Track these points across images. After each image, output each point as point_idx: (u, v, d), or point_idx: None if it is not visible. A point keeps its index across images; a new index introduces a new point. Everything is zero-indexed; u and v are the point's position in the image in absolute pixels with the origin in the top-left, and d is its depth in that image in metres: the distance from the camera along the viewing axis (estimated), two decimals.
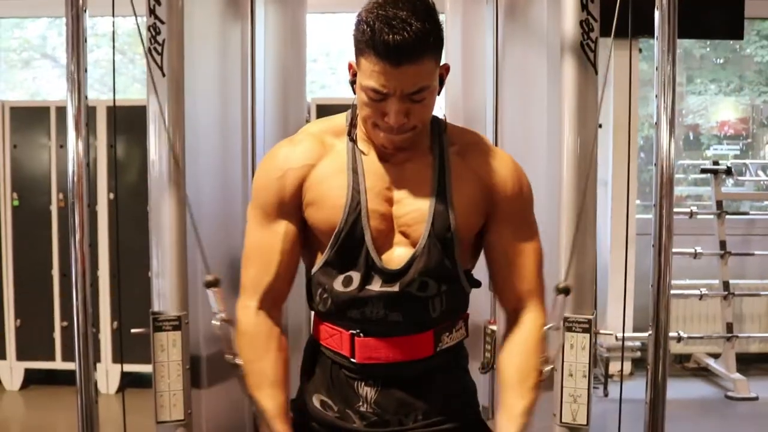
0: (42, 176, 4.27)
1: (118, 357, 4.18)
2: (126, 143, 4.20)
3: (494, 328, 2.41)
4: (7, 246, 4.28)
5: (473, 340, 1.67)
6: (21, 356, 4.31)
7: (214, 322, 1.51)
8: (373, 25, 1.29)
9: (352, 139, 1.48)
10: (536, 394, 1.48)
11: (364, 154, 1.48)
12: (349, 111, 1.52)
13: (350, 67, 1.43)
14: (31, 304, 4.29)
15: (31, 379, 4.39)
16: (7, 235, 4.28)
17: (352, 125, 1.49)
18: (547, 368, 1.50)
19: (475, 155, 1.52)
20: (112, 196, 4.18)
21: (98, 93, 4.96)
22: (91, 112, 1.97)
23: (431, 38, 1.32)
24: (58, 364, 4.28)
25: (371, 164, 1.47)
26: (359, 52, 1.36)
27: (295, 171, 1.48)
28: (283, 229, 1.49)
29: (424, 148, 1.50)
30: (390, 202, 1.46)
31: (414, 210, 1.45)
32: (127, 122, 3.68)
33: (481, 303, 2.39)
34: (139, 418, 2.22)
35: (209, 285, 1.51)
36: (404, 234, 1.46)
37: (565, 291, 1.53)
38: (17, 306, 4.29)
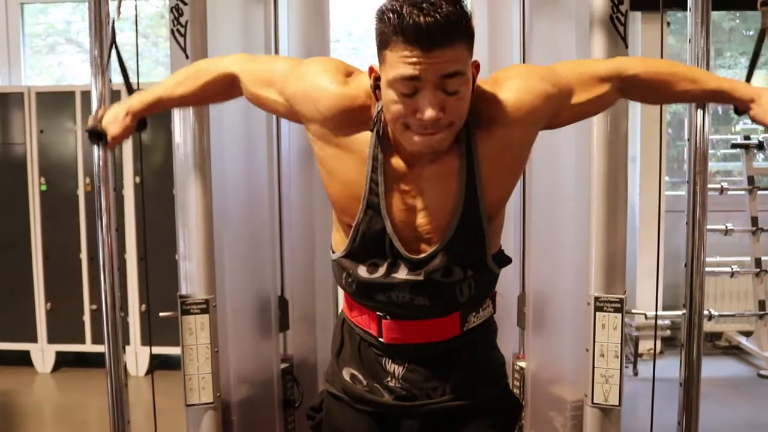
0: (69, 161, 4.29)
1: (147, 340, 4.22)
2: (151, 127, 4.19)
3: (522, 365, 2.34)
4: (36, 230, 4.32)
5: (500, 315, 1.65)
6: (52, 339, 4.37)
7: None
8: (400, 10, 1.20)
9: (378, 135, 1.37)
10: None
11: (387, 150, 1.37)
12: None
13: (371, 71, 1.33)
14: (61, 288, 4.33)
15: (62, 361, 4.45)
16: (35, 220, 4.32)
17: (378, 119, 1.36)
18: None
19: (492, 110, 1.36)
20: (138, 179, 4.19)
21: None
22: (115, 95, 1.97)
23: (463, 22, 1.22)
24: (88, 346, 4.33)
25: (394, 162, 1.37)
26: (384, 45, 1.25)
27: (316, 113, 1.39)
28: (273, 95, 1.49)
29: None
30: (413, 209, 1.39)
31: (439, 219, 1.39)
32: None
33: (509, 281, 2.35)
34: (168, 399, 2.24)
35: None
36: (427, 239, 1.40)
37: None
38: (47, 290, 4.34)
